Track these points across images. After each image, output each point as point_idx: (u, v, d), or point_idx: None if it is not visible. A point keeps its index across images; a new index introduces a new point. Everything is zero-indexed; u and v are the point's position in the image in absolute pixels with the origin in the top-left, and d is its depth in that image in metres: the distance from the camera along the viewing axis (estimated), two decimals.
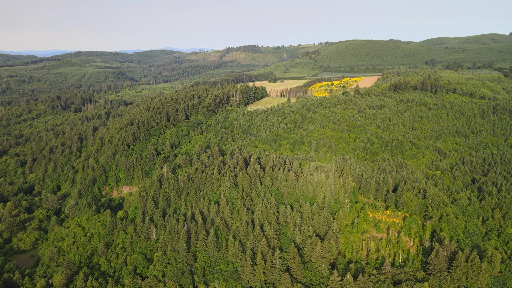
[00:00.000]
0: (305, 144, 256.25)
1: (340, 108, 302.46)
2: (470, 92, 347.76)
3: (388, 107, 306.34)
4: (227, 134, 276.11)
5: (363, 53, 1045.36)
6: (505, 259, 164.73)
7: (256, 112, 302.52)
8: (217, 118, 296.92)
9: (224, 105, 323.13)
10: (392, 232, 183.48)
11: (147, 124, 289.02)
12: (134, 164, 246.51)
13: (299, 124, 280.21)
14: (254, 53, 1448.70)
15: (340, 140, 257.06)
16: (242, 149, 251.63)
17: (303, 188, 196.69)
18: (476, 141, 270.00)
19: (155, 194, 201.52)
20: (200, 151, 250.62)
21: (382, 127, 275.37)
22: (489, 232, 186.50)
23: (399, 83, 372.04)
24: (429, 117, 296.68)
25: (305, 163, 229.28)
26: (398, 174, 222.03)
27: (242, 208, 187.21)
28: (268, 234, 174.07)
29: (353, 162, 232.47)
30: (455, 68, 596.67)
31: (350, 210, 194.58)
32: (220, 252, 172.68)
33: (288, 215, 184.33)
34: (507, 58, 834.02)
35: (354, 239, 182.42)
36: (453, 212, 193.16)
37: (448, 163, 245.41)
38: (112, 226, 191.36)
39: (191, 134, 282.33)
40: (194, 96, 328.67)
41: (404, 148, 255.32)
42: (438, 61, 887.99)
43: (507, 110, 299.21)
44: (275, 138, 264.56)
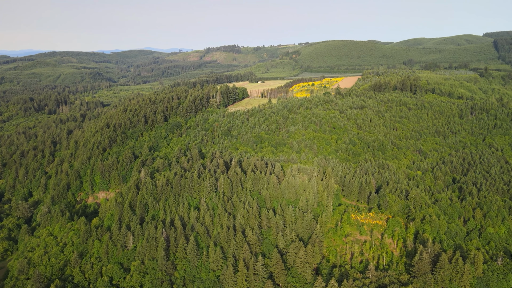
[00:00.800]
0: (287, 145, 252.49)
1: (321, 108, 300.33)
2: (449, 92, 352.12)
3: (369, 108, 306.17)
4: (207, 136, 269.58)
5: (343, 54, 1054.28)
6: (487, 259, 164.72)
7: (237, 114, 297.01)
8: (197, 120, 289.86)
9: (204, 106, 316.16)
10: (376, 234, 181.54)
11: (124, 127, 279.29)
12: (110, 169, 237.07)
13: (280, 126, 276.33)
14: (235, 53, 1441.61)
15: (322, 141, 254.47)
16: (223, 152, 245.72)
17: (286, 191, 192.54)
18: (456, 141, 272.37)
19: (132, 200, 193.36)
20: (179, 154, 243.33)
21: (363, 127, 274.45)
22: (470, 232, 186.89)
23: (379, 84, 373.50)
24: (409, 117, 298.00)
25: (287, 165, 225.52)
26: (380, 175, 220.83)
27: (223, 213, 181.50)
28: (250, 239, 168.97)
29: (335, 164, 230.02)
30: (432, 68, 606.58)
31: (333, 213, 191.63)
32: (200, 259, 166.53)
33: (270, 220, 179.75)
34: (481, 59, 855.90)
35: (337, 242, 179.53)
36: (435, 212, 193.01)
37: (429, 163, 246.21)
38: (87, 234, 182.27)
39: (170, 137, 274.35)
40: (173, 97, 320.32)
41: (385, 148, 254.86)
42: (415, 62, 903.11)
43: (484, 110, 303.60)
44: (256, 140, 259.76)
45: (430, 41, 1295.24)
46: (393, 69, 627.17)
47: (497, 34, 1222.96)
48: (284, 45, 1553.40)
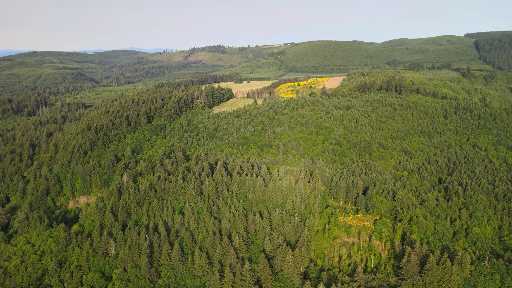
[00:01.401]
0: (273, 147, 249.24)
1: (307, 109, 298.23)
2: (433, 92, 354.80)
3: (355, 108, 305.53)
4: (192, 138, 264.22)
5: (328, 54, 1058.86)
6: (474, 260, 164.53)
7: (222, 115, 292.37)
8: (181, 121, 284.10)
9: (189, 107, 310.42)
10: (364, 236, 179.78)
11: (106, 129, 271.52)
12: (91, 172, 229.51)
13: (266, 127, 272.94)
14: (220, 53, 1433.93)
15: (309, 142, 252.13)
16: (208, 154, 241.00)
17: (272, 194, 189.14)
18: (441, 141, 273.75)
19: (114, 205, 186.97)
20: (163, 157, 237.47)
21: (350, 128, 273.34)
22: (457, 233, 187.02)
23: (364, 84, 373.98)
24: (395, 117, 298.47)
25: (274, 167, 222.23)
26: (367, 176, 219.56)
27: (209, 218, 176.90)
28: (237, 244, 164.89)
29: (322, 165, 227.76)
30: (416, 69, 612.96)
31: (320, 215, 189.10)
32: (185, 266, 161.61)
33: (257, 223, 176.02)
34: (463, 59, 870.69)
35: (325, 245, 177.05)
36: (422, 213, 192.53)
37: (415, 163, 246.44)
38: (66, 242, 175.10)
39: (153, 139, 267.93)
40: (156, 98, 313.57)
41: (372, 149, 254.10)
42: (399, 62, 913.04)
43: (468, 110, 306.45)
44: (242, 142, 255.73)
45: (413, 42, 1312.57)
46: (377, 69, 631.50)
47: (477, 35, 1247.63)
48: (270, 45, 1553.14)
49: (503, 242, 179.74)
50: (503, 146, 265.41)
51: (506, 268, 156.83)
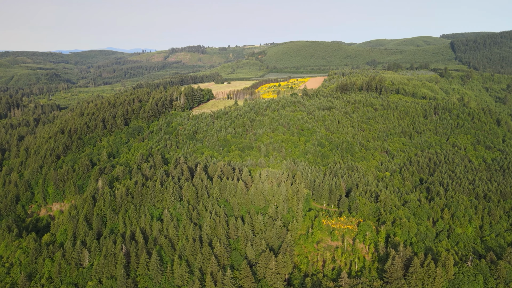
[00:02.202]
0: (255, 149, 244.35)
1: (289, 110, 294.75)
2: (412, 93, 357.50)
3: (336, 109, 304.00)
4: (171, 141, 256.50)
5: (308, 54, 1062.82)
6: (457, 261, 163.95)
7: (202, 116, 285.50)
8: (160, 124, 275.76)
9: (167, 109, 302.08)
10: (347, 239, 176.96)
11: (81, 132, 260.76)
12: (65, 178, 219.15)
13: (247, 128, 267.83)
14: (200, 53, 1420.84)
15: (290, 143, 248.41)
16: (188, 157, 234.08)
17: (254, 198, 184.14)
18: (421, 141, 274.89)
19: (88, 212, 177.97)
20: (141, 161, 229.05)
21: (331, 129, 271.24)
22: (439, 233, 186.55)
23: (345, 84, 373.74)
24: (376, 118, 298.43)
25: (255, 169, 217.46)
26: (350, 178, 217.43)
27: (189, 224, 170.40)
28: (218, 251, 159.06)
29: (304, 167, 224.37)
30: (395, 69, 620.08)
31: (304, 218, 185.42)
32: (164, 275, 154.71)
33: (239, 229, 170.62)
34: (439, 59, 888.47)
35: (309, 249, 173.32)
36: (405, 214, 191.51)
37: (397, 164, 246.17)
38: (36, 253, 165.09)
39: (131, 142, 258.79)
40: (134, 100, 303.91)
41: (354, 150, 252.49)
42: (378, 62, 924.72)
43: (447, 110, 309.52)
44: (222, 144, 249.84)
45: (391, 42, 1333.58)
46: (357, 70, 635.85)
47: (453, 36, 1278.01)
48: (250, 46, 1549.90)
49: (484, 242, 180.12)
50: (482, 146, 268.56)
51: (488, 269, 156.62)
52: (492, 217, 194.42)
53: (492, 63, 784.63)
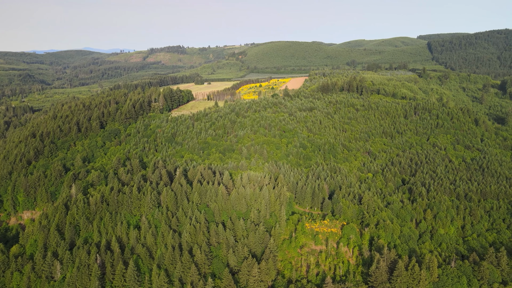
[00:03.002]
0: (236, 151, 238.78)
1: (270, 111, 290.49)
2: (393, 93, 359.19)
3: (318, 109, 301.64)
4: (149, 144, 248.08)
5: (289, 54, 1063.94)
6: (441, 262, 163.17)
7: (181, 118, 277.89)
8: (138, 126, 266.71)
9: (145, 111, 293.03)
10: (331, 243, 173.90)
11: (53, 136, 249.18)
12: (36, 185, 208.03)
13: (228, 130, 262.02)
14: (180, 54, 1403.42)
15: (272, 145, 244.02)
16: (167, 160, 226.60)
17: (236, 202, 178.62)
18: (402, 141, 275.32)
19: (60, 221, 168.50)
20: (117, 165, 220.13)
21: (313, 130, 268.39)
22: (422, 235, 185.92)
23: (326, 84, 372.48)
24: (358, 118, 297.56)
25: (237, 172, 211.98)
26: (332, 180, 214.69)
27: (168, 231, 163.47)
28: (198, 259, 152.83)
29: (286, 169, 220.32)
30: (374, 69, 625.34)
31: (287, 223, 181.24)
32: (142, 286, 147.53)
33: (220, 235, 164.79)
34: (417, 60, 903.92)
35: (292, 254, 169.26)
36: (388, 216, 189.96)
37: (379, 164, 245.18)
38: (4, 266, 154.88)
39: (107, 146, 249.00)
40: (110, 101, 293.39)
41: (336, 151, 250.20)
42: (358, 62, 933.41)
43: (427, 110, 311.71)
44: (203, 146, 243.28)
45: (370, 43, 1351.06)
46: (338, 70, 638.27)
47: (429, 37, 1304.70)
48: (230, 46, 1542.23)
49: (466, 243, 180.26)
50: (461, 145, 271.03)
51: (472, 270, 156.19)
52: (473, 217, 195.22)
53: (467, 63, 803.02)
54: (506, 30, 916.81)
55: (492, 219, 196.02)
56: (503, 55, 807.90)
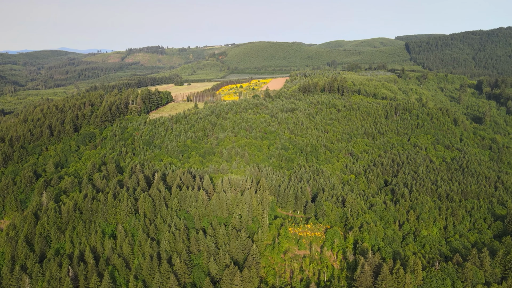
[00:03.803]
0: (216, 154, 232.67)
1: (251, 112, 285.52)
2: (373, 93, 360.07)
3: (299, 110, 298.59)
4: (126, 148, 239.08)
5: (269, 55, 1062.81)
6: (425, 265, 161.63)
7: (160, 121, 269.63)
8: (114, 129, 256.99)
9: (122, 113, 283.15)
10: (315, 247, 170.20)
11: (24, 140, 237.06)
12: (4, 192, 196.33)
13: (208, 132, 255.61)
14: (159, 54, 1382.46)
15: (254, 148, 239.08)
16: (145, 164, 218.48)
17: (217, 208, 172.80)
18: (384, 142, 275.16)
19: (29, 232, 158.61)
20: (92, 170, 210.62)
21: (295, 131, 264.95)
22: (406, 236, 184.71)
23: (308, 85, 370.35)
24: (339, 119, 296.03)
25: (218, 176, 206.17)
26: (315, 182, 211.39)
27: (145, 240, 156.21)
28: (178, 268, 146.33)
29: (269, 172, 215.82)
30: (354, 69, 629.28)
31: (269, 227, 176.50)
32: None
33: (200, 242, 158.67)
34: (396, 60, 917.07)
35: (276, 260, 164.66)
36: (371, 218, 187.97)
37: (361, 165, 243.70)
38: None
39: (81, 150, 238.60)
40: (85, 103, 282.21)
41: (318, 152, 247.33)
42: (338, 63, 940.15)
43: (407, 110, 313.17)
44: (182, 150, 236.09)
45: (349, 43, 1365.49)
46: (318, 70, 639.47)
47: (407, 38, 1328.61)
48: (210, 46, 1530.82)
49: (449, 243, 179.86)
50: (441, 145, 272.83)
51: (455, 272, 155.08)
52: (455, 217, 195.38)
53: (444, 63, 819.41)
54: (480, 31, 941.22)
55: (473, 219, 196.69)
56: (478, 56, 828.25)
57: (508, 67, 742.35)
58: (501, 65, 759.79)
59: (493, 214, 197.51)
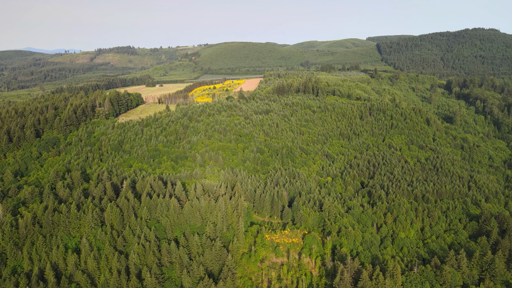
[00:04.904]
0: (189, 159, 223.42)
1: (225, 115, 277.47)
2: (348, 94, 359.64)
3: (274, 112, 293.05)
4: (93, 153, 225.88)
5: (243, 55, 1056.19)
6: (404, 268, 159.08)
7: (129, 124, 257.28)
8: (80, 134, 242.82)
9: (89, 117, 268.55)
10: (293, 254, 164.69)
11: None
12: None
13: (180, 136, 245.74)
14: (130, 55, 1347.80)
15: (228, 151, 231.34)
16: (113, 171, 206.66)
17: (189, 216, 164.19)
18: (359, 143, 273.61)
19: None
20: (55, 178, 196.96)
21: (270, 134, 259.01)
22: (384, 240, 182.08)
23: (282, 86, 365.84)
24: (314, 120, 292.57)
25: (191, 182, 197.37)
26: (292, 186, 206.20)
27: (112, 253, 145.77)
28: (148, 283, 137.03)
29: (244, 176, 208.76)
30: (328, 70, 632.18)
31: (245, 235, 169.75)
32: None
33: (172, 254, 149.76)
34: (368, 61, 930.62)
35: (252, 269, 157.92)
36: (349, 222, 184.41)
37: (337, 167, 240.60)
38: None
39: (44, 156, 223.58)
40: (48, 107, 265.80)
41: (294, 155, 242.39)
42: (311, 63, 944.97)
43: (381, 111, 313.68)
44: (153, 154, 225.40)
45: (322, 44, 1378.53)
46: (292, 71, 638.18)
47: (378, 38, 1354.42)
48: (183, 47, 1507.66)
49: (427, 245, 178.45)
50: (415, 145, 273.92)
51: (434, 275, 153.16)
52: (432, 219, 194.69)
53: (414, 64, 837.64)
54: (448, 33, 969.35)
55: (449, 219, 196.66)
56: (446, 56, 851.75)
57: (474, 67, 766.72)
58: (467, 65, 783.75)
59: (468, 214, 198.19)
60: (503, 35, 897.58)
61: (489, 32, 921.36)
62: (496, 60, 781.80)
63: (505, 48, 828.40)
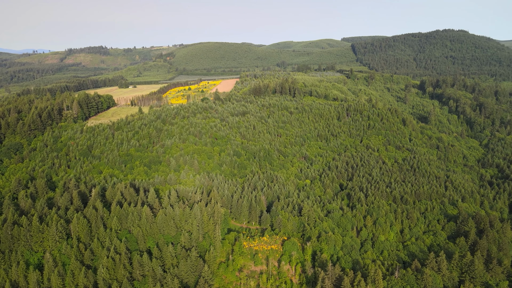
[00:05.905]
0: (163, 163, 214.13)
1: (200, 117, 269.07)
2: (324, 94, 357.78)
3: (251, 113, 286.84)
4: (59, 159, 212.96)
5: (219, 56, 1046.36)
6: (385, 273, 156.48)
7: (99, 128, 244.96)
8: (45, 139, 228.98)
9: (55, 121, 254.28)
10: (272, 262, 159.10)
11: None
12: None
13: (154, 140, 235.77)
14: (102, 55, 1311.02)
15: (204, 155, 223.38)
16: (82, 178, 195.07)
17: (163, 225, 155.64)
18: (337, 144, 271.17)
19: None
20: (18, 187, 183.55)
21: (247, 136, 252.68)
22: (364, 243, 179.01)
23: (259, 87, 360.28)
24: (292, 122, 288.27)
25: (165, 188, 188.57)
26: (270, 190, 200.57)
27: (79, 268, 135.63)
28: None
29: (220, 181, 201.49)
30: (304, 70, 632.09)
31: (222, 243, 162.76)
32: None
33: (145, 266, 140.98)
34: (343, 61, 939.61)
35: (230, 279, 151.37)
36: (329, 226, 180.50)
37: (316, 170, 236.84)
38: None
39: (5, 164, 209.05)
40: (10, 110, 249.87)
41: (272, 158, 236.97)
42: (288, 63, 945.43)
43: (358, 111, 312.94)
44: (125, 159, 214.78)
45: (298, 44, 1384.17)
46: (269, 71, 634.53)
47: (352, 39, 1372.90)
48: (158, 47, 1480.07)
49: (406, 248, 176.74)
50: (392, 146, 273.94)
51: (415, 278, 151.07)
52: (411, 220, 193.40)
53: (388, 64, 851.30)
54: (419, 34, 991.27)
55: (428, 220, 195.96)
56: (418, 57, 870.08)
57: (445, 67, 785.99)
58: (439, 65, 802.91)
59: (445, 215, 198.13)
60: (472, 36, 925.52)
61: (458, 33, 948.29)
62: (466, 60, 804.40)
63: (474, 48, 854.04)
